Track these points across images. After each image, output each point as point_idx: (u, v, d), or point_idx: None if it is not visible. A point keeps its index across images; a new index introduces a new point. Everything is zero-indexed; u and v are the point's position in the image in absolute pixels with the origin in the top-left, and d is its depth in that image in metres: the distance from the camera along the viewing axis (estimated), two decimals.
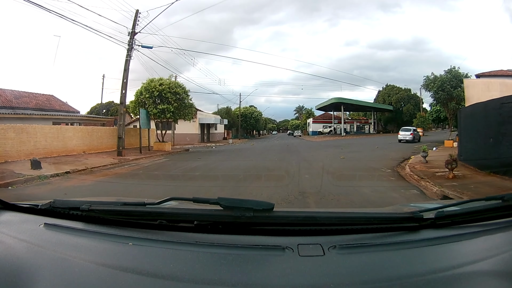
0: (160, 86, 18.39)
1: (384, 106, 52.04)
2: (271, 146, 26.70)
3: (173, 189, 6.95)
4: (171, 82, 19.00)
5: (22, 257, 0.96)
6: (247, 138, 51.49)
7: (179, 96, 19.12)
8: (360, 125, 57.94)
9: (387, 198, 6.01)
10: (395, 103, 52.89)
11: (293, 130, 74.82)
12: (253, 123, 56.84)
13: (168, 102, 19.15)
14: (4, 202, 1.32)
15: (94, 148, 17.30)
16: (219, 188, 7.01)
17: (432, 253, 1.01)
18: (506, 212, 1.17)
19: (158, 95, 18.36)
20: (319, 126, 59.55)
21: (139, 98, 18.86)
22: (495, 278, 0.87)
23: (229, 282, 0.86)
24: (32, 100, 23.96)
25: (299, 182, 7.28)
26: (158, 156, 16.65)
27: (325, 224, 1.15)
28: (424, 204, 1.72)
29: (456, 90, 22.80)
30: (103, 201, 1.50)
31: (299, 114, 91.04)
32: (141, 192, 6.80)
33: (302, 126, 73.52)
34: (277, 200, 5.27)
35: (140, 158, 14.94)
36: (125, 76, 16.12)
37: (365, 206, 4.94)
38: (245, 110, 53.70)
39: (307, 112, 73.98)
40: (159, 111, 18.34)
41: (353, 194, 6.07)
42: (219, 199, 1.09)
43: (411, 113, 51.77)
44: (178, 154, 18.63)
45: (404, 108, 52.88)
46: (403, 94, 54.23)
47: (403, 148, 19.25)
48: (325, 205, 5.36)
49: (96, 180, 8.86)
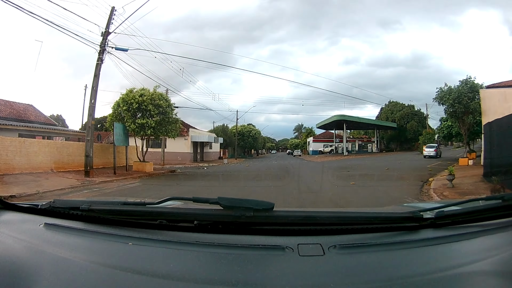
0: (140, 97, 15.37)
1: (388, 124, 52.53)
2: (268, 168, 25.13)
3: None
4: (153, 93, 16.08)
5: (22, 257, 0.98)
6: (245, 157, 51.21)
7: (162, 110, 15.90)
8: (362, 144, 58.25)
9: None
10: (398, 120, 53.34)
11: (292, 150, 76.37)
12: (251, 142, 56.17)
13: (149, 116, 17.27)
14: (4, 202, 1.35)
15: (63, 166, 15.84)
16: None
17: (432, 253, 1.03)
18: (506, 212, 1.19)
19: (137, 107, 15.45)
20: (319, 145, 59.95)
21: (116, 111, 15.99)
22: (495, 278, 0.88)
23: (229, 281, 0.88)
24: (7, 108, 22.84)
25: None
26: (134, 178, 15.11)
27: (325, 224, 1.17)
28: (424, 204, 1.77)
29: (473, 102, 21.48)
30: (103, 200, 1.56)
31: (298, 133, 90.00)
32: None
33: (302, 145, 74.98)
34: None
35: (110, 181, 13.57)
36: (95, 83, 13.71)
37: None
38: (242, 128, 53.80)
39: (307, 130, 74.19)
40: (138, 126, 15.49)
41: None
42: (219, 198, 1.13)
43: (415, 130, 51.67)
44: (158, 177, 16.95)
45: (408, 125, 52.95)
46: (407, 111, 54.22)
47: (417, 168, 18.65)
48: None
49: None
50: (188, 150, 32.44)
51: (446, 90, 22.67)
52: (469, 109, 21.72)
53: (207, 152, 38.40)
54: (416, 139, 49.31)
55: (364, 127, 55.47)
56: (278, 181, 13.60)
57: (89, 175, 13.85)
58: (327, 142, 59.00)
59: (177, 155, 30.48)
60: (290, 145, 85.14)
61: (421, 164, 22.49)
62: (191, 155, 32.80)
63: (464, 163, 18.08)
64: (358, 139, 59.83)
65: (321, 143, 59.83)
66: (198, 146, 35.60)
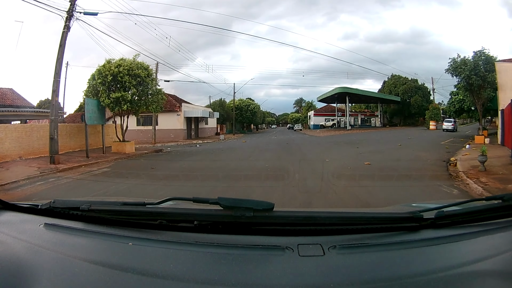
0: (116, 68, 12.96)
1: (392, 97, 51.73)
2: (267, 144, 23.67)
3: None
4: (131, 62, 13.45)
5: (22, 257, 1.02)
6: (244, 132, 50.82)
7: (140, 80, 13.55)
8: (365, 118, 57.54)
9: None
10: (402, 94, 52.33)
11: (293, 124, 75.59)
12: (250, 116, 54.74)
13: (126, 88, 13.83)
14: (4, 202, 1.38)
15: (34, 152, 14.59)
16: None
17: (432, 253, 1.07)
18: (506, 212, 1.24)
19: (112, 79, 12.96)
20: (321, 119, 58.76)
21: (91, 85, 13.54)
22: (495, 278, 0.91)
23: (229, 282, 0.90)
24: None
25: None
26: (107, 162, 13.71)
27: (325, 224, 1.21)
28: (424, 204, 1.73)
29: (490, 74, 20.02)
30: (103, 201, 1.59)
31: (299, 107, 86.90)
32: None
33: (303, 120, 74.48)
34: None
35: (76, 167, 12.26)
36: (60, 54, 11.46)
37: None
38: (240, 102, 53.50)
39: (308, 104, 72.10)
40: (113, 101, 13.06)
41: None
42: (219, 199, 1.16)
43: (419, 104, 50.73)
44: (137, 158, 15.28)
45: (412, 100, 51.92)
46: (410, 85, 52.85)
47: (431, 145, 17.63)
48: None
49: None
50: (181, 127, 31.53)
51: (460, 61, 21.15)
52: (485, 82, 20.50)
53: (203, 128, 37.74)
54: (421, 114, 49.74)
55: (367, 100, 55.26)
56: (277, 162, 11.96)
57: (55, 161, 12.50)
58: (328, 116, 58.47)
59: (169, 133, 29.05)
60: (291, 119, 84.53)
61: (434, 140, 21.54)
62: (185, 132, 31.97)
63: (480, 141, 17.08)
64: (361, 113, 59.87)
65: (323, 117, 58.98)
66: (192, 122, 34.75)
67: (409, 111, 52.57)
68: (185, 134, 31.54)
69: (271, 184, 7.49)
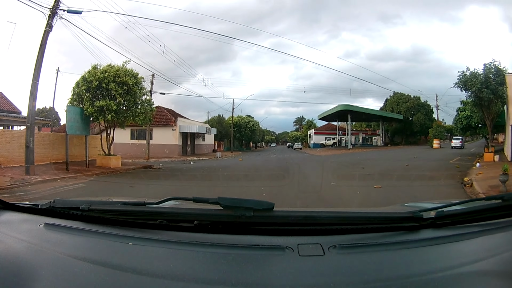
0: (101, 74, 11.63)
1: (395, 115, 51.56)
2: (265, 163, 22.72)
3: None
4: (119, 68, 12.23)
5: (22, 257, 1.03)
6: (242, 150, 48.93)
7: (128, 89, 12.27)
8: (366, 137, 57.36)
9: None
10: (404, 112, 52.01)
11: (292, 143, 76.52)
12: (249, 134, 55.22)
13: (112, 97, 13.51)
14: (4, 202, 1.39)
15: (13, 160, 13.72)
16: None
17: (432, 253, 1.08)
18: (506, 212, 1.24)
19: (97, 86, 11.64)
20: (321, 138, 58.72)
21: (75, 92, 12.29)
22: (495, 278, 0.91)
23: (229, 282, 0.91)
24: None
25: None
26: (87, 177, 12.61)
27: (325, 223, 1.23)
28: (424, 204, 1.74)
29: (502, 87, 18.97)
30: (103, 200, 1.61)
31: (299, 125, 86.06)
32: None
33: (303, 138, 74.72)
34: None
35: (51, 180, 11.24)
36: (40, 55, 10.33)
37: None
38: (239, 119, 54.31)
39: (308, 123, 70.04)
40: (97, 110, 11.64)
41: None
42: (219, 198, 1.18)
43: (422, 123, 49.97)
44: (120, 175, 14.10)
45: (415, 118, 51.36)
46: (413, 103, 52.32)
47: (439, 164, 16.81)
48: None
49: None
50: (176, 142, 31.33)
51: (470, 74, 20.12)
52: (496, 95, 19.58)
53: (200, 144, 37.80)
54: (423, 132, 50.37)
55: (369, 118, 55.69)
56: (275, 186, 10.04)
57: (30, 172, 11.66)
58: (329, 134, 59.21)
59: (164, 148, 28.02)
60: (290, 138, 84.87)
61: (441, 158, 20.91)
62: (180, 148, 31.66)
63: (489, 159, 16.48)
64: (362, 131, 60.42)
65: (323, 135, 59.55)
66: (189, 137, 34.54)
67: (411, 129, 53.12)
68: (180, 150, 30.98)
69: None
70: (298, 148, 60.10)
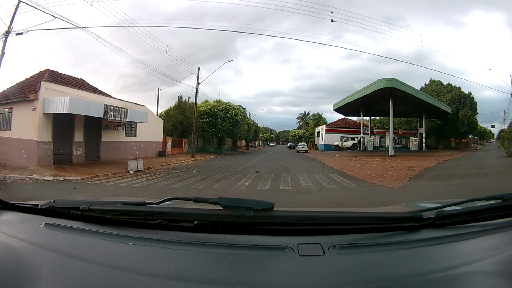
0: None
1: (445, 107, 34.15)
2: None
3: None
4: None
5: (22, 257, 1.02)
6: (220, 152, 31.45)
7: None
8: (395, 138, 35.62)
9: None
10: (448, 105, 36.19)
11: (295, 142, 57.95)
12: (228, 127, 35.36)
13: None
14: (4, 202, 1.38)
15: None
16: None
17: (432, 253, 1.07)
18: (506, 212, 1.25)
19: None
20: (335, 137, 40.73)
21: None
22: (495, 278, 0.91)
23: (229, 281, 0.91)
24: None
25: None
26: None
27: (325, 223, 1.22)
28: (424, 204, 1.73)
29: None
30: (103, 200, 1.59)
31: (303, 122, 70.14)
32: None
33: (308, 137, 57.67)
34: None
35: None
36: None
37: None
38: (215, 104, 34.80)
39: (315, 118, 52.75)
40: None
41: None
42: (219, 198, 1.17)
43: (470, 120, 36.61)
44: None
45: (461, 113, 36.24)
46: (458, 93, 37.30)
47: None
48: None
49: None
50: (36, 136, 14.33)
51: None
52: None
53: (119, 142, 20.19)
54: (465, 133, 39.34)
55: (412, 109, 35.30)
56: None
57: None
58: (346, 132, 41.58)
59: (21, 147, 11.92)
60: (292, 136, 70.28)
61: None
62: (45, 149, 14.58)
63: None
64: (393, 131, 40.00)
65: (337, 134, 41.75)
66: (76, 126, 16.66)
67: (456, 127, 36.95)
68: (46, 154, 14.29)
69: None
70: (302, 150, 43.46)
